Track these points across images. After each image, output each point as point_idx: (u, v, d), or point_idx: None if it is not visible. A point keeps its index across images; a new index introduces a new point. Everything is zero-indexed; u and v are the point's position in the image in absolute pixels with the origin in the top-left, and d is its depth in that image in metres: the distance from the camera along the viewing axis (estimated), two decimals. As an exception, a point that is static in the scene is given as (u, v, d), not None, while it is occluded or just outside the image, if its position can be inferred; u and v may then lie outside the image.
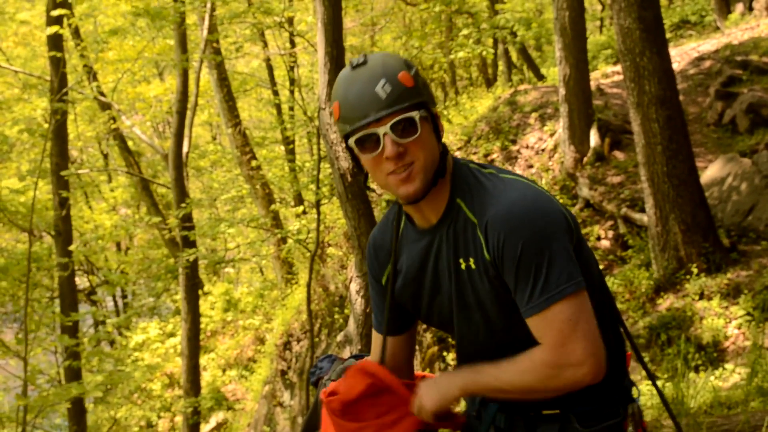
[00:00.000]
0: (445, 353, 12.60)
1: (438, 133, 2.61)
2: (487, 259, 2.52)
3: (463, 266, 2.60)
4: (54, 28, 15.25)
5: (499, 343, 2.62)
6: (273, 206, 20.96)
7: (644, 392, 8.00)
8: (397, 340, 2.93)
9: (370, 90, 2.50)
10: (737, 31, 18.78)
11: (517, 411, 2.72)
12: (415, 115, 2.50)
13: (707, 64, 16.64)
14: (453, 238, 2.62)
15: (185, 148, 17.21)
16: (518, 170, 15.48)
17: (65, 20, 16.02)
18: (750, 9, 20.53)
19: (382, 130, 2.50)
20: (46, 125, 17.04)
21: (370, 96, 2.50)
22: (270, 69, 24.82)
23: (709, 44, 18.33)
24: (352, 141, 2.57)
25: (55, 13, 15.13)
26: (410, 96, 2.51)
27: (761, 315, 8.87)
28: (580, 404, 2.62)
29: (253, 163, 21.92)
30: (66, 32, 17.05)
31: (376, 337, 2.98)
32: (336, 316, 16.07)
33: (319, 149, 14.79)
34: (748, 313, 9.01)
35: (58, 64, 15.99)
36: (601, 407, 2.66)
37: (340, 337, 10.29)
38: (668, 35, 14.60)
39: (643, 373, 9.00)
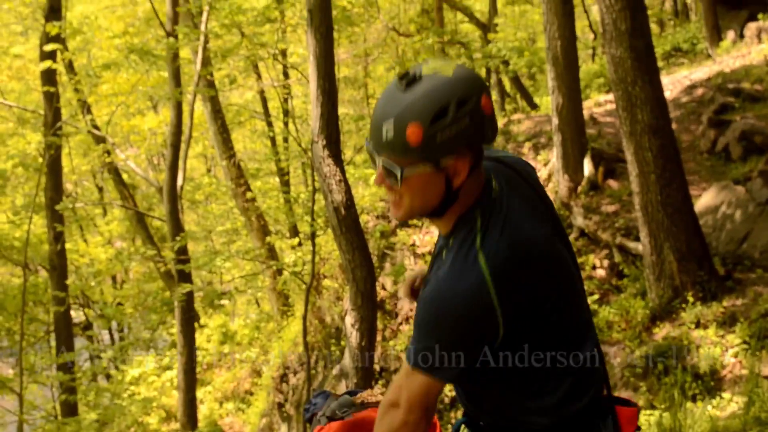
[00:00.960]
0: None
1: (450, 182, 2.51)
2: None
3: None
4: (47, 63, 15.30)
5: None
6: (268, 238, 20.93)
7: (641, 422, 7.97)
8: None
9: (380, 123, 2.45)
10: (729, 58, 18.85)
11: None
12: (398, 172, 2.46)
13: (699, 92, 16.69)
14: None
15: (180, 181, 17.18)
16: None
17: (59, 54, 16.07)
18: (741, 36, 20.61)
19: (378, 160, 2.51)
20: (40, 159, 17.05)
21: (378, 128, 2.46)
22: (264, 101, 24.86)
23: (701, 72, 18.39)
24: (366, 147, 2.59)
25: (49, 47, 15.18)
26: (408, 152, 2.43)
27: (758, 343, 8.85)
28: None
29: (248, 195, 21.89)
30: (60, 66, 17.11)
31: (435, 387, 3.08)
32: (332, 348, 16.02)
33: (313, 180, 14.79)
34: (745, 342, 8.99)
35: (51, 99, 16.03)
36: None
37: (336, 371, 10.28)
38: (660, 63, 14.66)
39: (640, 402, 8.97)
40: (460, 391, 2.84)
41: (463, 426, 2.91)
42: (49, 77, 15.94)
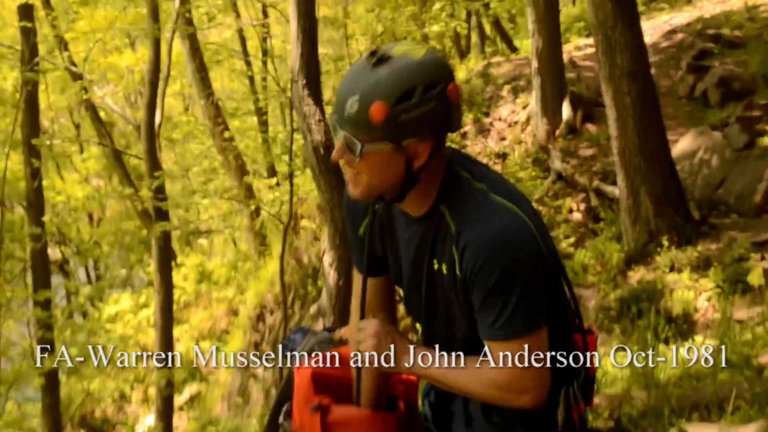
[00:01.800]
0: (418, 325, 12.63)
1: (410, 162, 2.50)
2: (458, 276, 2.55)
3: (435, 267, 2.63)
4: (24, -2, 15.12)
5: (462, 341, 2.69)
6: (246, 178, 20.90)
7: (614, 363, 8.07)
8: (378, 280, 2.96)
9: (345, 97, 2.44)
10: (709, 4, 18.84)
11: None
12: (357, 148, 2.44)
13: (679, 37, 16.69)
14: (432, 240, 2.63)
15: (158, 119, 17.06)
16: (491, 143, 15.50)
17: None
18: (722, -18, 20.58)
19: (338, 133, 2.49)
20: (17, 95, 16.88)
21: (342, 102, 2.45)
22: (243, 40, 24.69)
23: (681, 17, 18.38)
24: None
25: (25, -18, 15.00)
26: (369, 129, 2.41)
27: (730, 287, 8.94)
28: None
29: (226, 134, 21.82)
30: (36, 1, 16.90)
31: (357, 277, 2.99)
32: (309, 288, 16.07)
33: (291, 121, 14.74)
34: (718, 286, 9.08)
35: (28, 34, 15.84)
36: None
37: (313, 310, 10.34)
38: (641, 8, 14.61)
39: (614, 344, 9.08)
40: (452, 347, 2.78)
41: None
42: (25, 12, 15.73)
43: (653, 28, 17.79)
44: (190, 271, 23.93)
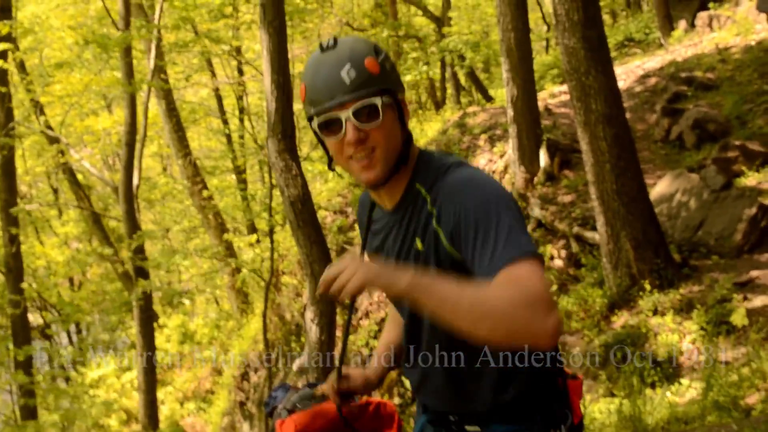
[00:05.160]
0: (404, 378, 12.56)
1: (403, 119, 2.63)
2: (438, 231, 2.52)
3: (420, 248, 2.60)
4: (-2, 62, 15.14)
5: (446, 339, 2.64)
6: (226, 235, 20.85)
7: (602, 410, 8.01)
8: None
9: (336, 74, 2.52)
10: (681, 47, 18.99)
11: (443, 424, 2.80)
12: (378, 101, 2.52)
13: (653, 81, 16.80)
14: (407, 222, 2.65)
15: (135, 180, 17.08)
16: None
17: (10, 54, 15.90)
18: (693, 25, 20.78)
19: (345, 114, 2.52)
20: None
21: (334, 80, 2.51)
22: (219, 98, 24.76)
23: (653, 61, 18.52)
24: (315, 123, 2.59)
25: (0, 47, 15.01)
26: (375, 82, 2.53)
27: (714, 329, 8.91)
28: (501, 422, 2.67)
29: (205, 193, 21.80)
30: (11, 66, 16.92)
31: None
32: (293, 345, 15.98)
33: (270, 177, 14.74)
34: (702, 328, 9.05)
35: (3, 99, 15.86)
36: (521, 428, 2.67)
37: (295, 366, 10.24)
38: (613, 53, 14.74)
39: (600, 390, 9.02)
40: (442, 383, 2.74)
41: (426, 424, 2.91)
42: (0, 77, 15.76)
43: (626, 72, 17.93)
44: (173, 332, 23.78)
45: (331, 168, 2.77)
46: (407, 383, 12.49)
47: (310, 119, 2.61)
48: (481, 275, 2.32)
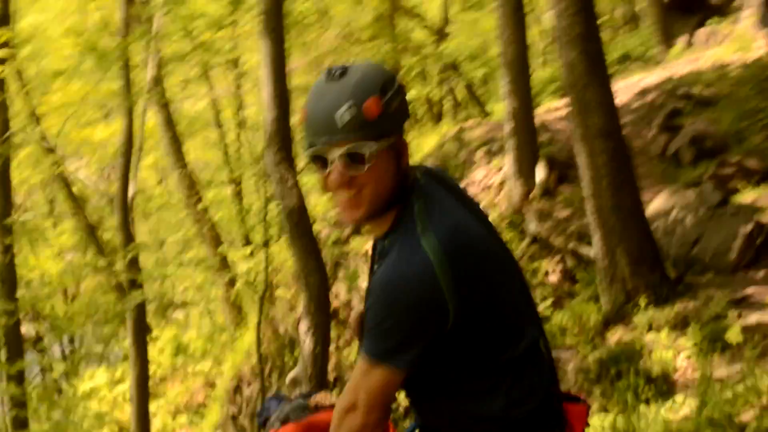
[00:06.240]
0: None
1: (400, 160, 2.57)
2: None
3: None
4: (-5, 70, 15.11)
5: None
6: (220, 248, 20.81)
7: (596, 426, 7.97)
8: None
9: (332, 112, 2.45)
10: (679, 64, 18.98)
11: None
12: (367, 149, 2.45)
13: (651, 97, 16.79)
14: (374, 264, 2.72)
15: (131, 191, 17.04)
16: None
17: (8, 62, 15.87)
18: (691, 42, 20.80)
19: (332, 155, 2.47)
20: (-12, 170, 16.83)
21: (329, 118, 2.45)
22: (216, 111, 24.75)
23: (652, 77, 18.50)
24: (307, 153, 2.56)
25: (-3, 55, 15.00)
26: (370, 127, 2.45)
27: (709, 346, 8.87)
28: None
29: (201, 205, 21.77)
30: (8, 75, 16.89)
31: None
32: (286, 358, 15.92)
33: (266, 190, 14.71)
34: (696, 344, 9.02)
35: (0, 108, 15.83)
36: None
37: (289, 379, 10.20)
38: (612, 69, 14.69)
39: (594, 406, 8.98)
40: (413, 398, 2.81)
41: (417, 430, 2.90)
42: (-3, 85, 15.76)
43: (625, 88, 17.90)
44: (166, 345, 23.71)
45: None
46: (400, 397, 12.44)
47: (307, 147, 2.58)
48: None
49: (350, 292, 15.15)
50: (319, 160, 2.52)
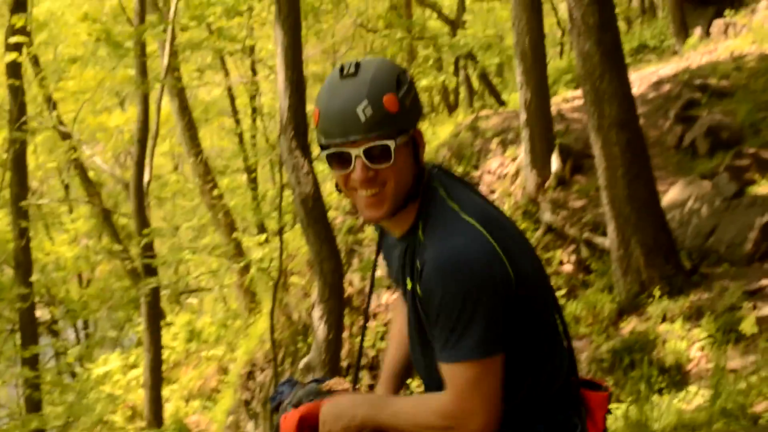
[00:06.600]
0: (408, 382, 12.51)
1: (417, 154, 2.57)
2: (419, 295, 2.52)
3: (409, 286, 2.59)
4: (13, 55, 15.11)
5: (429, 363, 2.63)
6: (235, 234, 20.85)
7: (608, 416, 7.96)
8: None
9: (351, 109, 2.43)
10: (695, 54, 18.89)
11: None
12: (392, 144, 2.45)
13: (667, 87, 16.72)
14: (410, 258, 2.59)
15: (146, 177, 17.07)
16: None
17: (24, 48, 15.89)
18: (708, 33, 20.69)
19: (356, 152, 2.46)
20: (5, 155, 16.88)
21: (349, 116, 2.43)
22: (231, 98, 24.78)
23: (668, 68, 18.42)
24: (324, 154, 2.53)
25: (14, 40, 14.99)
26: (391, 122, 2.45)
27: (723, 337, 8.87)
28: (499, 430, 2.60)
29: (215, 192, 21.81)
30: (25, 60, 16.92)
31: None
32: (300, 345, 15.95)
33: (281, 177, 14.72)
34: (711, 335, 9.01)
35: (16, 92, 15.87)
36: None
37: (302, 365, 10.21)
38: (628, 59, 14.63)
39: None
40: (429, 381, 2.74)
41: None
42: (14, 70, 15.75)
43: (640, 79, 17.82)
44: (180, 330, 23.76)
45: (339, 190, 2.70)
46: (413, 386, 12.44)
47: (321, 147, 2.56)
48: (436, 355, 2.51)
49: (364, 280, 15.17)
50: (339, 159, 2.50)
